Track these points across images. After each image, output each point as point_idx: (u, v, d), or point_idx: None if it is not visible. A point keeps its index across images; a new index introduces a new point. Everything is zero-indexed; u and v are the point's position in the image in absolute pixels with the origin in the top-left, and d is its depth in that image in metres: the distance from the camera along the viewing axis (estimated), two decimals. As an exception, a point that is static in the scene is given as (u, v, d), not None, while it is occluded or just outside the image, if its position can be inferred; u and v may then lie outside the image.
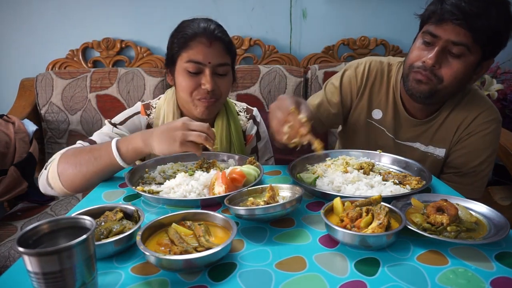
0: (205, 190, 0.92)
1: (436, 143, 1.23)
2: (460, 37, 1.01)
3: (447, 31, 1.02)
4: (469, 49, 1.03)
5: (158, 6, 2.18)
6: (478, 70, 1.10)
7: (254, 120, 1.37)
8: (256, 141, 1.38)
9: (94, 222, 0.56)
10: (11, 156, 1.61)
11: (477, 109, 1.18)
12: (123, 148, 0.98)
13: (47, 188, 1.05)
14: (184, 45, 1.13)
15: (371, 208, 0.73)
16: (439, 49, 1.05)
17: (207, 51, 1.11)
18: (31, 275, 0.49)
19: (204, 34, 1.11)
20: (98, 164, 0.98)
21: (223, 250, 0.62)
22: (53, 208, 1.67)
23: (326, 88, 1.36)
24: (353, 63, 1.35)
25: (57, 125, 2.03)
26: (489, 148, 1.18)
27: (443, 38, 1.03)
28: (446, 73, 1.07)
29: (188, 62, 1.12)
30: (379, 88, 1.29)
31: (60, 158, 1.02)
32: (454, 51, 1.04)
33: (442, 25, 1.03)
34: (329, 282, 0.60)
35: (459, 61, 1.05)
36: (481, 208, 0.80)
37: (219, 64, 1.14)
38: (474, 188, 1.20)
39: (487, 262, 0.65)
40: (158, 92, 2.00)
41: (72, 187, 1.01)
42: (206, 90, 1.12)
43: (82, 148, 1.05)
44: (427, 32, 1.07)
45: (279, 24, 2.24)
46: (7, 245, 1.40)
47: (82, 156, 0.99)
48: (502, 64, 2.17)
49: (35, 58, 2.21)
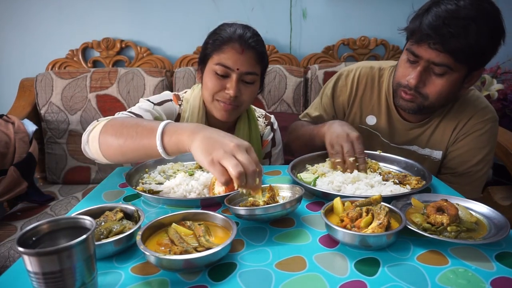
0: (205, 190, 0.92)
1: (432, 146, 1.23)
2: (440, 58, 1.00)
3: (428, 52, 1.01)
4: (451, 68, 1.01)
5: (158, 6, 2.18)
6: (468, 80, 1.09)
7: (271, 127, 1.40)
8: (271, 147, 1.41)
9: (94, 222, 0.56)
10: (11, 156, 1.61)
11: (473, 109, 1.18)
12: (168, 136, 0.81)
13: (84, 147, 0.98)
14: (217, 47, 1.13)
15: (371, 208, 0.73)
16: (421, 70, 1.04)
17: (238, 58, 1.11)
18: (31, 275, 0.49)
19: (238, 40, 1.12)
20: (138, 141, 0.85)
21: (223, 250, 0.62)
22: (53, 208, 1.67)
23: (323, 101, 1.38)
24: (344, 71, 1.35)
25: (57, 125, 2.02)
26: (485, 147, 1.18)
27: (424, 58, 1.02)
28: (430, 92, 1.06)
29: (217, 64, 1.12)
30: (371, 94, 1.29)
31: (107, 122, 0.94)
32: (437, 71, 1.03)
33: (421, 45, 1.02)
34: (329, 282, 0.60)
35: (442, 78, 1.04)
36: (481, 208, 0.80)
37: (247, 72, 1.14)
38: (472, 188, 1.20)
39: (487, 262, 0.65)
40: (158, 92, 1.99)
41: (107, 153, 0.92)
42: (229, 95, 1.13)
43: (130, 118, 0.98)
44: (409, 50, 1.06)
45: (279, 24, 2.24)
46: (7, 245, 1.40)
47: (126, 125, 0.89)
48: (502, 64, 2.17)
49: (35, 58, 2.21)
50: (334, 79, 1.36)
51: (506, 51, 2.24)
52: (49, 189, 1.92)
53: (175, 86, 2.07)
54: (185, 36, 2.21)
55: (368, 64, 1.32)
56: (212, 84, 1.14)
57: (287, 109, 2.08)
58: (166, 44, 2.25)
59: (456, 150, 1.20)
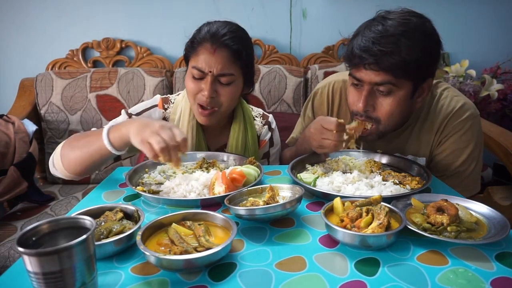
0: (205, 190, 0.92)
1: (415, 153, 1.21)
2: (380, 77, 1.00)
3: (367, 74, 1.01)
4: (394, 85, 1.01)
5: (158, 6, 2.18)
6: (418, 93, 1.08)
7: (269, 127, 1.38)
8: (269, 147, 1.40)
9: (94, 222, 0.56)
10: (11, 156, 1.61)
11: (450, 110, 1.16)
12: (112, 133, 0.97)
13: (52, 169, 1.08)
14: (193, 49, 1.13)
15: (371, 208, 0.73)
16: (366, 94, 1.04)
17: (210, 59, 1.09)
18: (31, 275, 0.49)
19: (210, 40, 1.09)
20: (90, 148, 0.99)
21: (223, 250, 0.63)
22: (53, 208, 1.67)
23: (305, 123, 1.37)
24: (317, 89, 1.35)
25: (57, 125, 2.02)
26: (468, 146, 1.16)
27: (366, 81, 1.03)
28: (381, 114, 1.06)
29: (193, 67, 1.11)
30: (346, 107, 1.28)
31: (65, 141, 1.07)
32: (381, 89, 1.03)
33: (359, 69, 1.03)
34: (329, 282, 0.60)
35: (389, 98, 1.03)
36: (481, 208, 0.80)
37: (221, 74, 1.10)
38: (464, 188, 1.17)
39: (487, 262, 0.65)
40: (158, 92, 2.00)
41: (69, 168, 1.04)
42: (204, 96, 1.11)
43: (84, 133, 1.09)
44: (351, 75, 1.07)
45: (279, 24, 2.24)
46: (7, 245, 1.40)
47: (80, 140, 1.03)
48: (502, 64, 2.17)
49: (35, 58, 2.21)
50: (310, 99, 1.36)
51: (506, 51, 2.25)
52: (49, 189, 1.92)
53: (175, 86, 2.07)
54: (185, 36, 2.21)
55: (340, 77, 1.32)
56: (190, 87, 1.14)
57: (287, 109, 2.08)
58: (166, 44, 2.25)
59: (440, 154, 1.19)
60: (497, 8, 2.23)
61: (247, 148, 1.29)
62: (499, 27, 2.25)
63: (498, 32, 2.26)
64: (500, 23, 2.26)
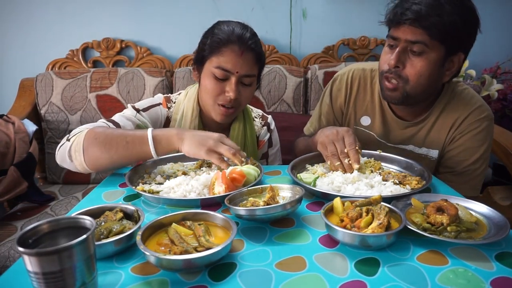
0: (205, 190, 0.92)
1: (429, 145, 1.24)
2: (416, 36, 1.05)
3: (405, 32, 1.06)
4: (427, 46, 1.05)
5: (158, 6, 2.18)
6: (448, 65, 1.11)
7: (268, 127, 1.39)
8: (268, 147, 1.40)
9: (94, 222, 0.56)
10: (11, 156, 1.61)
11: (468, 108, 1.19)
12: (157, 138, 0.99)
13: (65, 160, 1.03)
14: (216, 49, 1.12)
15: (371, 208, 0.73)
16: (399, 50, 1.08)
17: (237, 61, 1.11)
18: (31, 275, 0.49)
19: (237, 42, 1.10)
20: (129, 148, 0.99)
21: (223, 250, 0.62)
22: (53, 208, 1.67)
23: (323, 110, 1.39)
24: (337, 75, 1.38)
25: (57, 125, 2.03)
26: (482, 145, 1.19)
27: (401, 39, 1.07)
28: (410, 73, 1.09)
29: (217, 67, 1.12)
30: (364, 95, 1.32)
31: (88, 134, 1.01)
32: (415, 49, 1.07)
33: (399, 27, 1.07)
34: (329, 282, 0.60)
35: (421, 58, 1.07)
36: (481, 208, 0.80)
37: (246, 75, 1.14)
38: (471, 186, 1.21)
39: (487, 262, 0.65)
40: (158, 92, 2.00)
41: (94, 165, 1.01)
42: (229, 97, 1.13)
43: (113, 129, 1.05)
44: (389, 36, 1.12)
45: (279, 24, 2.24)
46: (7, 245, 1.40)
47: (113, 137, 0.99)
48: (502, 64, 2.17)
49: (35, 58, 2.21)
50: (329, 86, 1.39)
51: (506, 51, 2.26)
52: (49, 189, 1.92)
53: (175, 86, 2.07)
54: (185, 36, 2.22)
55: (360, 66, 1.35)
56: (212, 87, 1.14)
57: (287, 109, 2.09)
58: (166, 44, 2.25)
59: (453, 149, 1.21)
60: (497, 8, 2.23)
61: (246, 148, 1.30)
62: (499, 27, 2.25)
63: (498, 32, 2.26)
64: (500, 23, 2.26)
